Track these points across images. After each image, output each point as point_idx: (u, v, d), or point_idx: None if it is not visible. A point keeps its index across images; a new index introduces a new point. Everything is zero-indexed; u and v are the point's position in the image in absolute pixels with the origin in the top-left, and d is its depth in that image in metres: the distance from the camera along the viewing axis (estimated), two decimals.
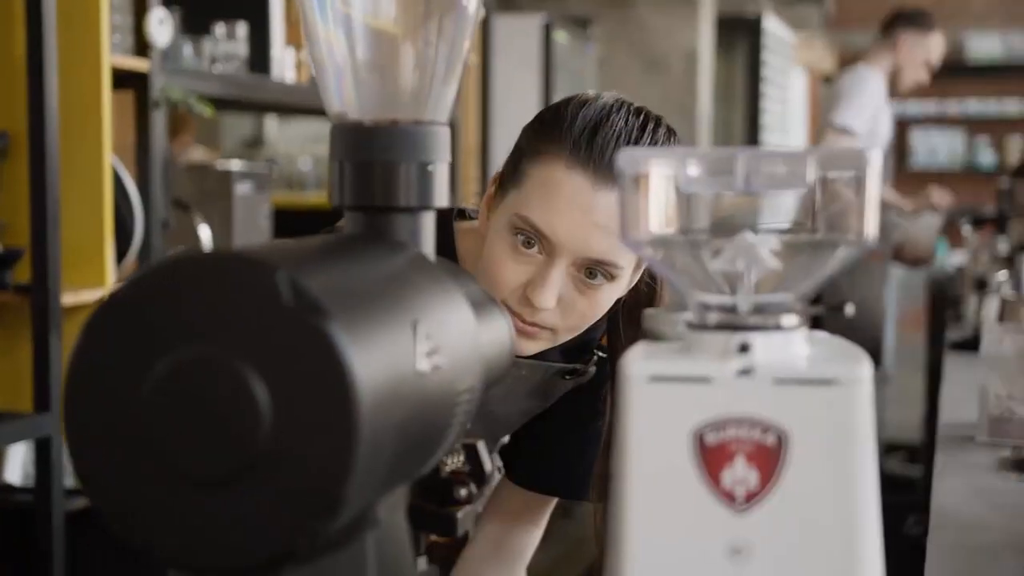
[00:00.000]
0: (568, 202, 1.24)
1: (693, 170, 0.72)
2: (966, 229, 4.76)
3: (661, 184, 0.72)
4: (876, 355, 4.58)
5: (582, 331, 1.32)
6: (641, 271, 1.35)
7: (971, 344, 2.81)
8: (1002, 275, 3.14)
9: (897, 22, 4.47)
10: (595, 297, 1.28)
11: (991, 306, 2.99)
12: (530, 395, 1.44)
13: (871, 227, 0.70)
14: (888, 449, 5.61)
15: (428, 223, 0.84)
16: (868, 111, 4.33)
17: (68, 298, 2.41)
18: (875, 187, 0.70)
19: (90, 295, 2.47)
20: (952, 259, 9.26)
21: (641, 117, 1.29)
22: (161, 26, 2.64)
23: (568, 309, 1.28)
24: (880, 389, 5.91)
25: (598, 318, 1.32)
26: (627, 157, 0.72)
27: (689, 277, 0.74)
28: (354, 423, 0.62)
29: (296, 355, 0.62)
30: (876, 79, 4.45)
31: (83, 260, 2.49)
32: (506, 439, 1.51)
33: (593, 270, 1.27)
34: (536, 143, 1.29)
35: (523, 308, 1.28)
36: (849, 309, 0.74)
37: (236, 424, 0.62)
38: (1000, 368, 2.03)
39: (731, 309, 0.73)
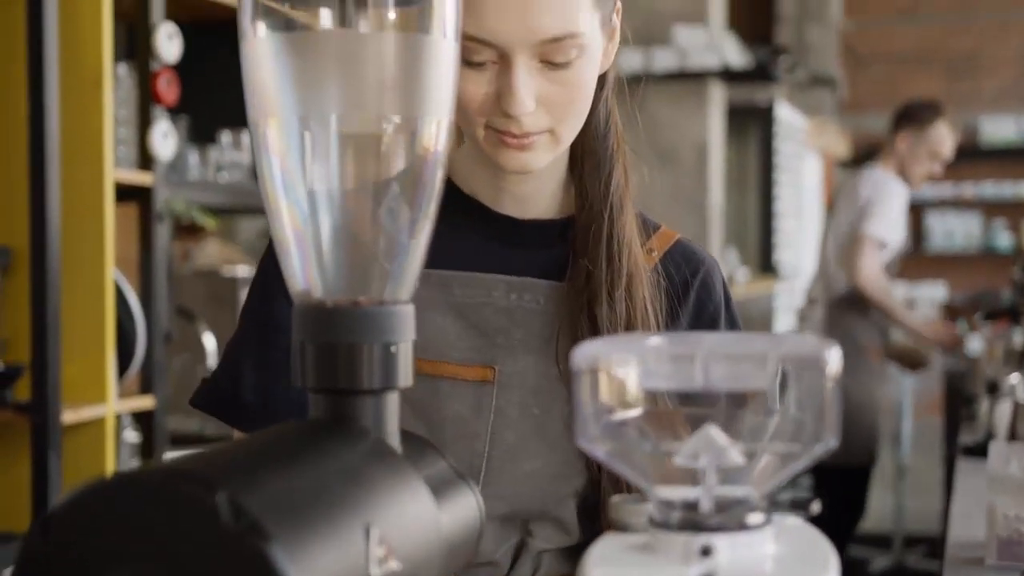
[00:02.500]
0: None
1: (652, 365, 0.71)
2: (981, 321, 4.73)
3: (618, 378, 0.71)
4: (871, 449, 4.43)
5: (582, 120, 1.21)
6: (615, 38, 1.25)
7: (983, 449, 2.77)
8: (1014, 378, 3.10)
9: (897, 120, 4.51)
10: (573, 78, 1.16)
11: (1003, 411, 2.95)
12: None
13: (831, 427, 0.69)
14: (907, 543, 5.52)
15: (392, 404, 0.83)
16: (899, 222, 4.33)
17: (69, 416, 2.40)
18: (833, 385, 0.69)
19: (91, 412, 2.46)
20: (971, 345, 9.20)
21: None
22: (165, 140, 2.66)
23: (552, 103, 1.17)
24: (898, 480, 5.83)
25: (590, 99, 1.20)
26: (582, 353, 0.71)
27: (649, 472, 0.72)
28: None
29: None
30: (898, 184, 4.44)
31: (84, 376, 2.48)
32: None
33: (556, 53, 1.15)
34: None
35: (508, 123, 1.16)
36: (815, 507, 0.72)
37: None
38: (1008, 488, 1.99)
39: (693, 506, 0.71)
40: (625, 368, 0.71)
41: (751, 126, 7.13)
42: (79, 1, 2.48)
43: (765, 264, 7.19)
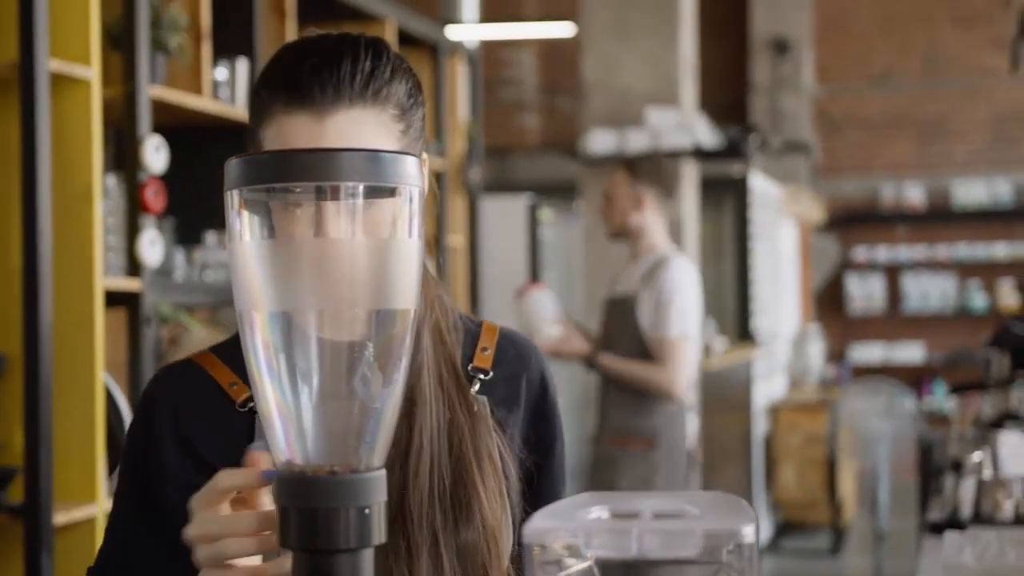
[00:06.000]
0: (300, 143, 1.20)
1: (594, 538, 0.81)
2: (948, 395, 4.82)
3: (564, 553, 0.81)
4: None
5: None
6: (424, 186, 1.32)
7: (950, 526, 2.84)
8: (977, 456, 3.18)
9: None
10: (376, 219, 1.14)
11: (967, 489, 3.03)
12: None
13: None
14: None
15: (367, 560, 0.93)
16: None
17: (60, 517, 2.49)
18: (750, 554, 0.79)
19: (82, 513, 2.54)
20: (947, 404, 9.31)
21: (336, 39, 1.25)
22: (152, 247, 2.77)
23: None
24: (877, 544, 5.91)
25: None
26: (530, 528, 0.81)
27: None
28: None
29: None
30: None
31: (75, 477, 2.56)
32: None
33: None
34: (258, 112, 1.25)
35: None
36: None
37: None
38: None
39: None
40: (571, 541, 0.81)
41: (726, 197, 7.26)
42: (71, 118, 2.59)
43: (743, 332, 7.30)
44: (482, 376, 1.33)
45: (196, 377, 1.30)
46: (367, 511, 0.92)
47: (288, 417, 0.93)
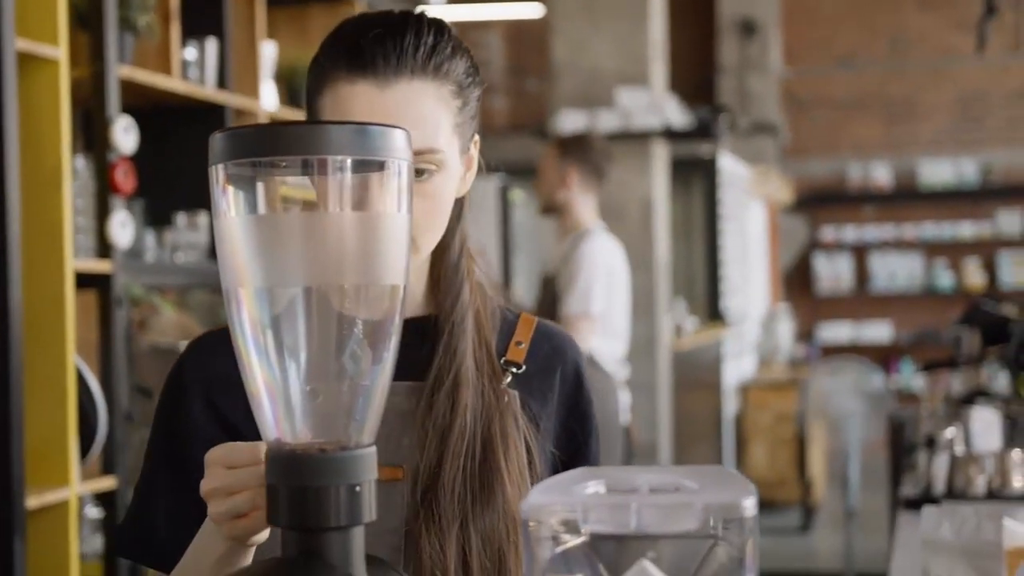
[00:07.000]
0: (361, 111, 1.21)
1: (592, 513, 0.80)
2: (918, 372, 4.84)
3: (561, 524, 0.80)
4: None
5: (441, 233, 1.28)
6: (473, 168, 1.34)
7: (924, 501, 2.86)
8: (950, 432, 3.20)
9: None
10: (431, 190, 1.24)
11: (940, 465, 3.05)
12: None
13: (751, 566, 0.78)
14: None
15: (358, 537, 0.92)
16: None
17: (32, 501, 2.46)
18: (751, 528, 0.78)
19: (54, 496, 2.52)
20: (915, 382, 9.36)
21: (400, 15, 1.27)
22: (123, 228, 2.74)
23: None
24: (848, 521, 5.94)
25: (447, 215, 1.28)
26: (528, 503, 0.79)
27: None
28: None
29: None
30: None
31: (47, 461, 2.54)
32: None
33: (418, 164, 1.21)
34: (316, 80, 1.25)
35: None
36: None
37: None
38: (940, 551, 2.09)
39: None
40: (570, 516, 0.80)
41: (695, 177, 7.27)
42: (38, 98, 2.56)
43: (713, 312, 7.32)
44: (514, 370, 1.33)
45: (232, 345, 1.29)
46: (357, 489, 0.91)
47: (277, 395, 0.92)
